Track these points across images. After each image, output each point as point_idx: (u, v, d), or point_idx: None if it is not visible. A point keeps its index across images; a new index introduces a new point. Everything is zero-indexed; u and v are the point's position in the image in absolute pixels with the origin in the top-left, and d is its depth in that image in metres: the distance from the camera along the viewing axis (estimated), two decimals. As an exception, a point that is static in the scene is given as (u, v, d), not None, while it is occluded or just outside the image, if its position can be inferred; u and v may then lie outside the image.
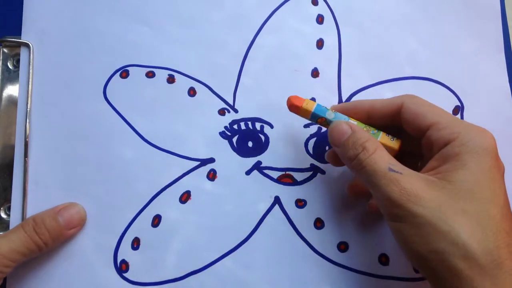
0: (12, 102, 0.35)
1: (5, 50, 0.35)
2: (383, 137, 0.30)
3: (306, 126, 0.35)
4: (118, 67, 0.35)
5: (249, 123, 0.35)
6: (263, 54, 0.36)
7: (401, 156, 0.30)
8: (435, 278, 0.25)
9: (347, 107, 0.31)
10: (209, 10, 0.37)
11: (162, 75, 0.35)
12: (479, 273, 0.23)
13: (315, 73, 0.36)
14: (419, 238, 0.25)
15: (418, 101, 0.29)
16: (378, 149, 0.28)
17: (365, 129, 0.30)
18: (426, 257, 0.25)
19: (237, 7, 0.37)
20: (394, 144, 0.30)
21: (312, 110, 0.31)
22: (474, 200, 0.25)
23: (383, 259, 0.33)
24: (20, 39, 0.35)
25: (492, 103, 0.37)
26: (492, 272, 0.23)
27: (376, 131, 0.30)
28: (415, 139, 0.29)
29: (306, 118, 0.31)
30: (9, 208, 0.33)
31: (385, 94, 0.36)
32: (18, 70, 0.35)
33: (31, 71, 0.34)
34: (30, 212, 0.32)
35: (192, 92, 0.35)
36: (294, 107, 0.31)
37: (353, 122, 0.30)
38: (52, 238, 0.30)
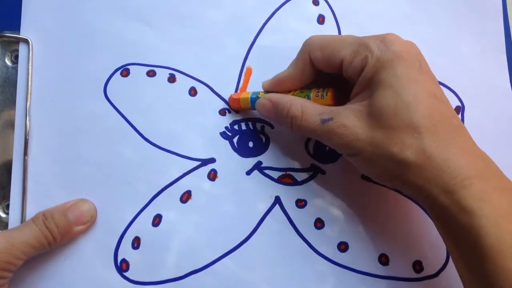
0: (10, 99, 0.34)
1: (3, 45, 0.35)
2: (314, 98, 0.31)
3: (306, 126, 0.35)
4: (119, 66, 0.35)
5: (250, 123, 0.35)
6: (264, 55, 0.36)
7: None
8: (396, 187, 0.29)
9: (274, 83, 0.33)
10: (210, 10, 0.36)
11: (163, 74, 0.35)
12: (416, 174, 0.26)
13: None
14: (369, 166, 0.28)
15: (320, 44, 0.30)
16: (304, 109, 0.30)
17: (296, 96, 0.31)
18: (381, 177, 0.28)
19: (238, 7, 0.37)
20: (325, 100, 0.30)
21: (249, 96, 0.33)
22: (396, 113, 0.26)
23: (383, 259, 0.33)
24: (19, 34, 0.35)
25: (493, 104, 0.37)
26: (423, 166, 0.26)
27: (307, 93, 0.31)
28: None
29: (249, 108, 0.34)
30: (7, 207, 0.33)
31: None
32: (17, 66, 0.34)
33: (30, 67, 0.34)
34: (29, 211, 0.32)
35: (193, 92, 0.35)
36: (234, 100, 0.34)
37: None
38: (61, 233, 0.30)
